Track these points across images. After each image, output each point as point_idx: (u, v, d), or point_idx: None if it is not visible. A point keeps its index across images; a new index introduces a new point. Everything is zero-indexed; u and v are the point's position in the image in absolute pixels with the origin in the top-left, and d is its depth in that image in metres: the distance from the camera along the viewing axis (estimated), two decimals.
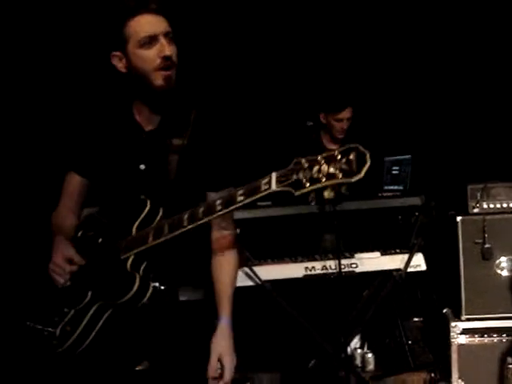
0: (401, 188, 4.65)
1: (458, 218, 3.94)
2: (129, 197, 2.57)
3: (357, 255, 3.86)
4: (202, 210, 2.28)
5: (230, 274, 2.64)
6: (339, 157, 1.99)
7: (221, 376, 2.48)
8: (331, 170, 1.99)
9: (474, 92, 5.16)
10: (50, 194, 2.85)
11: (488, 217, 3.93)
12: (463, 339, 3.92)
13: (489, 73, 5.12)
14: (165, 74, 2.48)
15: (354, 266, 3.82)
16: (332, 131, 4.93)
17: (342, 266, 3.76)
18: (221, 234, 2.63)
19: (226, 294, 2.59)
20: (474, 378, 3.90)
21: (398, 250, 3.93)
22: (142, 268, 2.46)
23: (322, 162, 2.01)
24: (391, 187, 4.71)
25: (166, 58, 2.45)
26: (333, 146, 4.95)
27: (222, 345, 2.50)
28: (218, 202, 2.25)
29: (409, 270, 3.82)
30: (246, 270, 3.68)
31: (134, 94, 2.61)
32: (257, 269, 3.72)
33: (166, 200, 2.51)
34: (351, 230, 3.96)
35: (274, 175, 2.11)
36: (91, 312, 2.52)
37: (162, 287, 2.50)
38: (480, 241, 3.91)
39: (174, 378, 2.58)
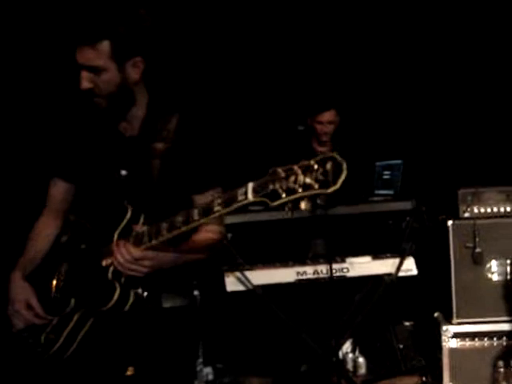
0: (392, 192, 4.65)
1: (449, 223, 3.94)
2: (111, 203, 2.57)
3: (348, 260, 3.86)
4: (180, 219, 2.28)
5: (201, 237, 2.59)
6: (316, 166, 1.96)
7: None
8: (307, 180, 1.96)
9: (464, 97, 5.18)
10: (36, 202, 2.85)
11: (479, 221, 3.93)
12: (454, 343, 3.92)
13: (478, 78, 5.14)
14: (92, 99, 2.51)
15: (345, 270, 3.82)
16: (316, 134, 4.98)
17: (334, 271, 3.76)
18: (203, 228, 2.62)
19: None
20: (465, 381, 3.89)
21: (388, 255, 3.93)
22: (123, 276, 2.46)
23: (299, 171, 1.98)
24: (382, 191, 4.72)
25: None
26: (322, 149, 5.00)
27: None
28: (196, 211, 2.24)
29: (400, 274, 3.83)
30: (238, 274, 3.68)
31: None
32: (248, 273, 3.72)
33: (149, 205, 2.52)
34: (342, 235, 3.97)
35: (250, 185, 2.09)
36: (74, 320, 2.53)
37: (145, 294, 2.50)
38: (471, 245, 3.91)
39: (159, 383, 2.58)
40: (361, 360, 4.35)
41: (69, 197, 2.77)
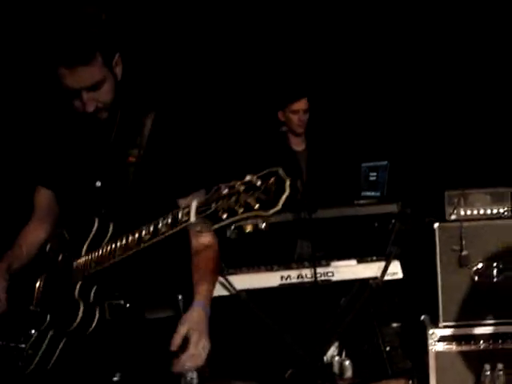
0: (378, 194, 4.63)
1: (435, 225, 3.91)
2: (85, 214, 2.51)
3: (333, 263, 3.82)
4: (131, 238, 2.23)
5: (207, 262, 2.49)
6: (259, 183, 1.82)
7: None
8: (249, 199, 1.80)
9: (450, 98, 5.15)
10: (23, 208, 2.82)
11: (465, 223, 3.90)
12: (441, 346, 3.89)
13: (464, 79, 5.11)
14: (91, 117, 2.41)
15: (330, 274, 3.78)
16: (292, 127, 4.91)
17: (318, 275, 3.72)
18: (200, 240, 2.54)
19: (201, 279, 2.44)
20: None
21: (374, 258, 3.89)
22: (92, 293, 2.41)
23: (241, 189, 1.84)
24: (368, 193, 4.69)
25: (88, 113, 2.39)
26: (299, 148, 4.95)
27: (193, 320, 2.28)
28: (144, 231, 2.18)
29: (385, 278, 3.79)
30: (221, 279, 3.63)
31: None
32: (231, 278, 3.68)
33: (123, 214, 2.46)
34: (327, 238, 3.93)
35: (194, 205, 1.97)
36: (48, 337, 2.48)
37: (128, 305, 2.45)
38: (457, 248, 3.88)
39: None
40: (347, 363, 4.31)
41: (54, 203, 2.73)
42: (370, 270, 3.82)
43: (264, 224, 1.85)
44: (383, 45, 5.35)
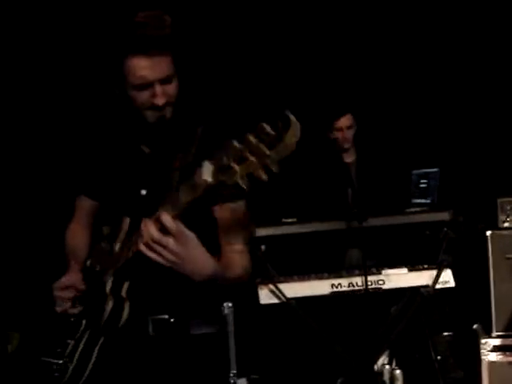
0: (429, 201, 4.59)
1: (488, 233, 3.87)
2: (132, 223, 2.51)
3: (384, 271, 3.80)
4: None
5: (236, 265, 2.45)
6: (268, 129, 1.82)
7: None
8: (260, 145, 1.82)
9: (501, 105, 5.09)
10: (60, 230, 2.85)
11: None
12: (494, 356, 3.84)
13: None
14: (157, 114, 2.40)
15: (381, 282, 3.76)
16: (339, 144, 4.93)
17: (369, 283, 3.70)
18: (229, 248, 2.49)
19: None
20: None
21: (425, 266, 3.86)
22: (124, 289, 2.39)
23: (251, 137, 1.84)
24: (419, 200, 4.64)
25: (156, 106, 2.38)
26: (349, 159, 4.97)
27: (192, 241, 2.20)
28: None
29: (437, 286, 3.76)
30: (271, 287, 3.64)
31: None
32: (282, 286, 3.68)
33: None
34: (378, 246, 3.91)
35: (208, 165, 1.97)
36: (83, 341, 2.47)
37: (172, 319, 2.44)
38: (510, 256, 3.84)
39: None
40: (398, 372, 4.27)
41: (95, 211, 2.76)
42: (422, 278, 3.79)
43: (274, 168, 1.84)
44: (431, 51, 5.31)
